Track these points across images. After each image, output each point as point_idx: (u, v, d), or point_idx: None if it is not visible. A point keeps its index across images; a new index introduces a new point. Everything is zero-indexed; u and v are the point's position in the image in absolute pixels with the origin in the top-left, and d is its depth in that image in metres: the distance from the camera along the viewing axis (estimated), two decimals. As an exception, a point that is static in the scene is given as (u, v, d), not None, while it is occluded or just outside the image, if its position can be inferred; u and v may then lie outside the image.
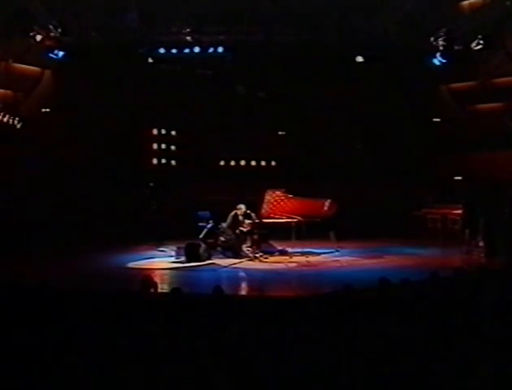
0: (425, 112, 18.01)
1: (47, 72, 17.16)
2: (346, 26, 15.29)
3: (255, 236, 13.16)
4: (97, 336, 5.13)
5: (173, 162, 18.69)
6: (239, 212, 13.37)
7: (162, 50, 16.30)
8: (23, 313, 5.87)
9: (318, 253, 13.34)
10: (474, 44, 14.46)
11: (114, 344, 4.94)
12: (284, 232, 13.04)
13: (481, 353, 4.53)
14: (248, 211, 13.34)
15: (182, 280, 10.81)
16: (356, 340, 4.91)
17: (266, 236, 13.50)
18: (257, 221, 13.25)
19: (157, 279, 9.38)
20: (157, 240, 14.58)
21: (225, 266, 12.11)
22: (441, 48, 15.01)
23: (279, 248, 13.39)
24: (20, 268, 10.87)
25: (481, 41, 14.29)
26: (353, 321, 5.42)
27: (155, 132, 18.63)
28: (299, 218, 12.89)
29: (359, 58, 16.12)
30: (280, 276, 11.21)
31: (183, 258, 12.54)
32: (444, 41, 14.83)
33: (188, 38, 15.84)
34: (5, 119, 15.50)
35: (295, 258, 12.71)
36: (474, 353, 4.50)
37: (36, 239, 14.35)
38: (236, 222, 13.32)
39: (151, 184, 16.11)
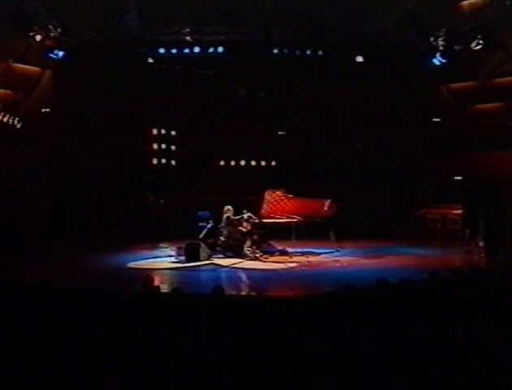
0: (425, 112, 18.00)
1: (47, 72, 17.13)
2: (346, 26, 15.27)
3: (255, 236, 13.17)
4: (97, 336, 5.14)
5: (173, 162, 18.69)
6: (229, 213, 13.42)
7: (162, 50, 16.31)
8: (23, 313, 5.87)
9: (319, 253, 13.35)
10: (474, 44, 14.45)
11: (114, 344, 4.95)
12: (284, 232, 13.05)
13: (481, 352, 4.54)
14: (244, 211, 13.38)
15: (182, 280, 10.82)
16: (356, 340, 4.91)
17: (266, 236, 13.51)
18: (257, 221, 13.27)
19: (157, 279, 9.40)
20: (156, 239, 14.60)
21: (225, 266, 12.12)
22: (441, 48, 15.00)
23: (279, 248, 13.40)
24: (20, 268, 10.87)
25: (481, 41, 14.28)
26: (353, 321, 5.42)
27: (155, 132, 18.64)
28: (299, 218, 12.90)
29: (359, 58, 16.11)
30: (280, 276, 11.22)
31: (183, 258, 12.55)
32: (444, 41, 14.83)
33: (188, 38, 15.84)
34: (5, 119, 15.48)
35: (295, 258, 12.71)
36: (473, 353, 4.51)
37: (36, 239, 14.37)
38: (231, 223, 13.38)
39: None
